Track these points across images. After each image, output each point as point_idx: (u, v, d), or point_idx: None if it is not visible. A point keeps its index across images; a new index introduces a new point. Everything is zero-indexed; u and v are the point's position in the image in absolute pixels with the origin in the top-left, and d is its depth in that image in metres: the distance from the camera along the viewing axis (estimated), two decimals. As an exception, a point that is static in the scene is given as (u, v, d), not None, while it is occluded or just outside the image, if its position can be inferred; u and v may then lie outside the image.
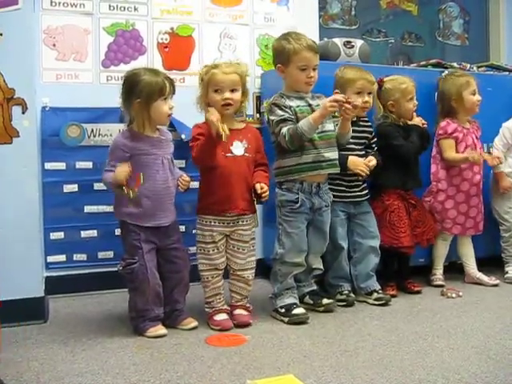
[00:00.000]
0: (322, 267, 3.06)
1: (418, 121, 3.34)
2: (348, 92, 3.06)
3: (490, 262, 3.70)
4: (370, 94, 3.18)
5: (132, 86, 2.61)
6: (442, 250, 3.58)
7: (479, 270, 3.57)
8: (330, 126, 2.90)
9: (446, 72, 3.64)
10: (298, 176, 2.83)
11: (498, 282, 3.50)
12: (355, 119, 3.11)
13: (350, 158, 3.09)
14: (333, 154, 2.88)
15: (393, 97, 3.30)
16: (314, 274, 3.06)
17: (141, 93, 2.58)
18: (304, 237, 2.90)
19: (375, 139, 3.27)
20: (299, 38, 2.84)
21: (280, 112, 2.81)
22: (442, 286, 3.45)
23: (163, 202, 2.65)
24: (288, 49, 2.82)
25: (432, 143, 3.47)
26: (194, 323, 2.70)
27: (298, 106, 2.85)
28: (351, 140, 3.07)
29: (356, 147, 3.16)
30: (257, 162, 2.84)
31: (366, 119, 3.25)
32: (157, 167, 2.63)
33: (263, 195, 2.73)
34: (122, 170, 2.53)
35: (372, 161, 3.13)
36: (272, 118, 2.83)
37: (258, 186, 2.73)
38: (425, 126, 3.36)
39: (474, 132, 3.53)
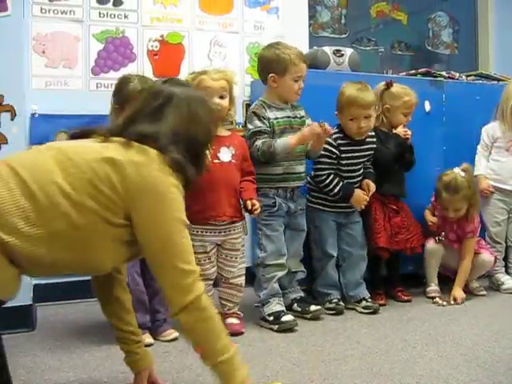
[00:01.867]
0: (303, 269, 3.08)
1: (400, 130, 3.30)
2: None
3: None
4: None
5: (117, 91, 2.63)
6: (432, 260, 3.50)
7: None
8: None
9: None
10: (268, 185, 2.89)
11: (484, 292, 3.50)
12: (363, 138, 3.15)
13: (356, 193, 3.11)
14: (301, 167, 2.99)
15: (392, 102, 3.30)
16: (297, 278, 3.08)
17: (119, 100, 2.59)
18: (283, 240, 2.94)
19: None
20: (290, 48, 2.88)
21: (258, 123, 2.84)
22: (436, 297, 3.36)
23: None
24: (284, 59, 2.83)
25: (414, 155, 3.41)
26: (175, 334, 2.65)
27: (276, 119, 2.88)
28: (353, 160, 3.13)
29: (357, 167, 3.17)
30: (244, 171, 2.84)
31: (373, 134, 3.23)
32: None
33: (255, 212, 2.76)
34: None
35: (372, 189, 3.16)
36: (249, 127, 2.88)
37: (248, 203, 2.74)
38: (407, 136, 3.30)
39: None
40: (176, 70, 3.68)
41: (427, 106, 3.69)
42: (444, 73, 3.95)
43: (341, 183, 3.09)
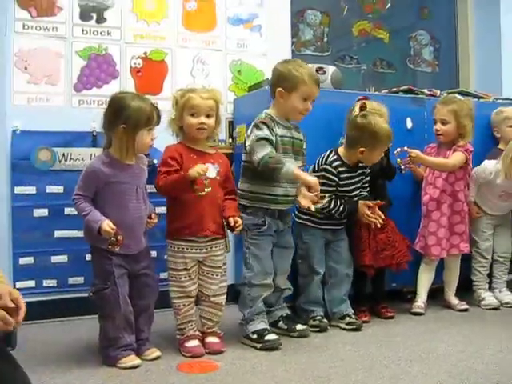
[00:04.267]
0: (290, 287, 3.08)
1: None
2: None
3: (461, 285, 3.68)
4: None
5: (119, 110, 2.51)
6: (423, 277, 3.54)
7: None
8: (298, 163, 2.96)
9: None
10: (268, 206, 2.86)
11: (466, 306, 3.52)
12: (356, 164, 3.19)
13: (360, 205, 3.13)
14: (294, 190, 2.91)
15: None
16: (284, 295, 3.06)
17: (128, 119, 2.48)
18: (270, 259, 2.92)
19: (368, 178, 3.28)
20: (305, 67, 2.85)
21: (268, 132, 2.78)
22: (420, 314, 3.40)
23: (135, 231, 2.59)
24: (295, 76, 2.81)
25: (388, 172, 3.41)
26: (157, 353, 2.62)
27: (281, 136, 2.86)
28: (349, 181, 3.17)
29: (352, 187, 3.20)
30: (226, 190, 2.83)
31: None
32: (130, 196, 2.57)
33: (237, 229, 2.75)
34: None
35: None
36: (258, 133, 2.77)
37: (231, 220, 2.73)
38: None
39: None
40: (159, 87, 3.68)
41: (409, 124, 3.71)
42: (425, 90, 3.98)
43: (343, 201, 3.12)
